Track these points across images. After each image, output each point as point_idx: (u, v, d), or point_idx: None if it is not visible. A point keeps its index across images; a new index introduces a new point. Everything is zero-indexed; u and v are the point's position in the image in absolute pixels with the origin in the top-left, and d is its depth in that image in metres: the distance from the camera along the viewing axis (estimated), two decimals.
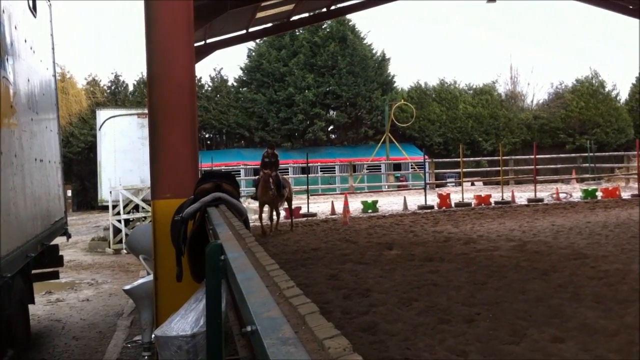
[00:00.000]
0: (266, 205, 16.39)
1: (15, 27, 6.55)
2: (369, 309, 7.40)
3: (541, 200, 21.86)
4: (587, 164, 34.20)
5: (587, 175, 31.99)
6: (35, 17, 8.17)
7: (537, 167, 25.26)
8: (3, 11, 5.92)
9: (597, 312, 6.78)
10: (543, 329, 6.24)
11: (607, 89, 41.71)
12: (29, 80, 7.30)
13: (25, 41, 7.21)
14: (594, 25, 72.90)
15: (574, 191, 24.94)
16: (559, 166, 34.04)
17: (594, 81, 41.83)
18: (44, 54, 8.92)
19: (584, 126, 39.88)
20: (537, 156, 25.27)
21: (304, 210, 20.25)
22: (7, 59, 6.01)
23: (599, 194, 22.44)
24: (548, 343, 5.84)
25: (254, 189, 17.40)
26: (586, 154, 34.72)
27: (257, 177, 17.42)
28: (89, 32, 67.37)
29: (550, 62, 68.16)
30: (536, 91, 73.85)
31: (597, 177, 31.25)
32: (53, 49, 9.97)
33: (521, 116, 41.16)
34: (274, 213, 16.43)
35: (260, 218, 16.36)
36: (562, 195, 22.73)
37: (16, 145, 6.25)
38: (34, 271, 8.08)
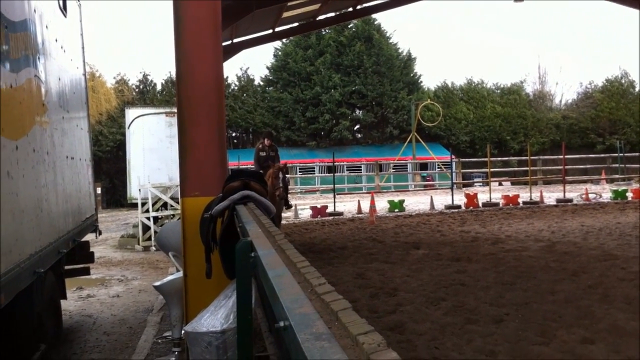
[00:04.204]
0: None
1: (47, 27, 6.64)
2: (396, 308, 7.39)
3: (570, 200, 21.59)
4: (617, 165, 33.70)
5: (617, 176, 31.53)
6: (65, 16, 8.27)
7: (566, 167, 24.95)
8: (34, 11, 6.01)
9: (627, 314, 6.69)
10: (573, 330, 6.18)
11: (637, 89, 41.12)
12: (59, 79, 7.40)
13: (56, 40, 7.30)
14: (624, 25, 71.80)
15: (604, 192, 24.61)
16: (588, 166, 33.63)
17: (623, 81, 41.26)
18: (74, 53, 9.04)
19: (614, 126, 39.35)
20: (566, 156, 24.97)
21: (330, 209, 20.24)
22: (39, 58, 6.10)
23: (629, 195, 22.08)
24: (578, 344, 5.78)
25: None
26: (616, 154, 34.21)
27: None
28: (118, 31, 68.12)
29: (579, 61, 67.37)
30: (565, 91, 73.13)
31: (627, 177, 30.77)
32: (83, 48, 10.09)
33: (550, 116, 40.74)
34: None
35: None
36: (591, 196, 22.43)
37: (48, 143, 6.34)
38: (65, 267, 8.20)
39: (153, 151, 17.90)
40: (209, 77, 6.43)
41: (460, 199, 21.87)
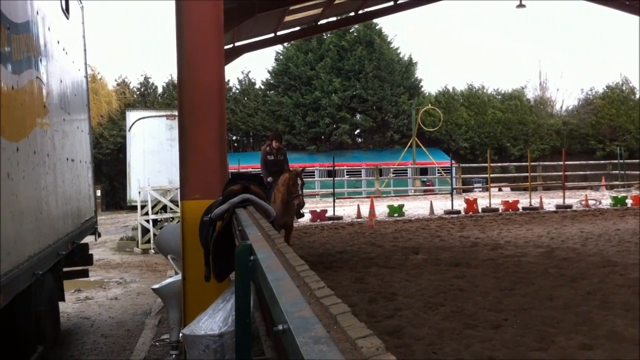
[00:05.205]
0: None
1: (49, 29, 6.65)
2: (394, 312, 7.39)
3: (570, 206, 21.59)
4: (617, 171, 33.70)
5: (617, 182, 31.54)
6: (67, 18, 8.29)
7: (566, 173, 24.96)
8: (37, 12, 6.02)
9: (626, 320, 6.69)
10: (571, 336, 6.18)
11: (637, 96, 41.17)
12: (61, 81, 7.41)
13: (58, 42, 7.32)
14: (625, 31, 71.86)
15: (604, 198, 24.61)
16: (588, 173, 33.61)
17: (624, 87, 41.31)
18: (76, 55, 9.05)
19: (614, 133, 39.38)
20: (566, 162, 24.99)
21: (329, 214, 20.24)
22: (41, 60, 6.11)
23: (629, 202, 22.07)
24: (576, 350, 5.78)
25: None
26: (616, 161, 34.22)
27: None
28: (120, 33, 68.20)
29: (580, 67, 67.40)
30: (565, 97, 73.18)
31: (627, 184, 30.77)
32: (85, 50, 10.10)
33: (550, 122, 40.77)
34: (286, 235, 11.03)
35: None
36: (591, 202, 22.43)
37: (48, 145, 6.34)
38: (64, 269, 8.19)
39: (153, 154, 17.92)
40: (211, 79, 6.44)
41: (459, 204, 21.88)
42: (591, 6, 20.56)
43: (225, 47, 15.32)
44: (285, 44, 37.66)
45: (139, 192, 17.47)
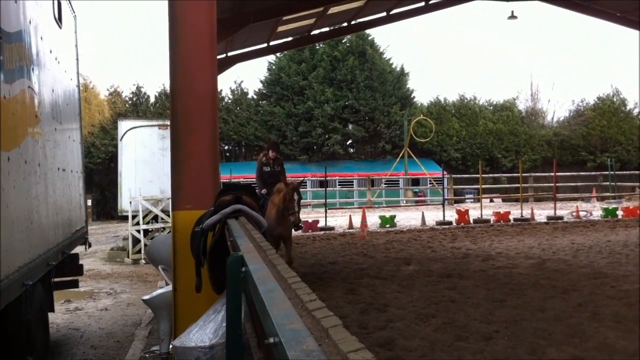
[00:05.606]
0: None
1: (41, 38, 6.64)
2: (386, 324, 7.38)
3: (561, 218, 21.66)
4: (608, 183, 33.83)
5: (608, 194, 31.63)
6: (60, 28, 8.28)
7: (557, 184, 25.04)
8: (30, 22, 6.01)
9: (617, 332, 6.71)
10: (562, 348, 6.18)
11: (628, 107, 41.44)
12: (53, 90, 7.39)
13: (51, 52, 7.30)
14: (616, 43, 72.41)
15: (595, 209, 24.69)
16: (579, 184, 33.73)
17: (615, 99, 41.57)
18: (69, 65, 9.03)
19: (605, 144, 39.59)
20: (557, 173, 25.08)
21: (321, 224, 20.22)
22: (33, 69, 6.09)
23: (620, 213, 22.19)
24: None
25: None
26: (607, 172, 34.36)
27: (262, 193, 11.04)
28: (113, 43, 68.12)
29: (572, 79, 67.77)
30: (557, 108, 73.50)
31: (618, 195, 30.87)
32: (77, 59, 10.09)
33: (541, 133, 40.94)
34: (286, 248, 10.63)
35: None
36: (582, 214, 22.49)
37: (40, 155, 6.31)
38: (54, 279, 8.13)
39: (145, 163, 17.88)
40: (205, 87, 6.46)
41: (451, 215, 21.89)
42: (583, 18, 20.74)
43: (218, 56, 15.35)
44: (278, 54, 37.71)
45: (130, 202, 17.40)
